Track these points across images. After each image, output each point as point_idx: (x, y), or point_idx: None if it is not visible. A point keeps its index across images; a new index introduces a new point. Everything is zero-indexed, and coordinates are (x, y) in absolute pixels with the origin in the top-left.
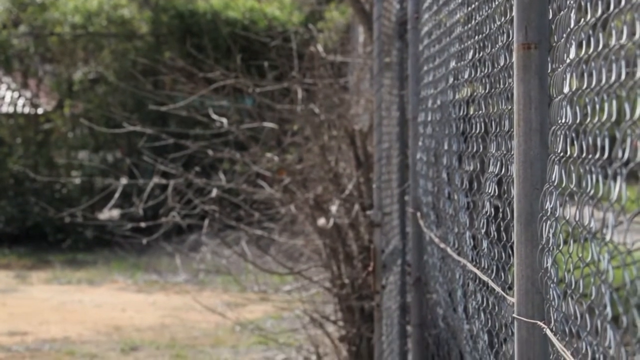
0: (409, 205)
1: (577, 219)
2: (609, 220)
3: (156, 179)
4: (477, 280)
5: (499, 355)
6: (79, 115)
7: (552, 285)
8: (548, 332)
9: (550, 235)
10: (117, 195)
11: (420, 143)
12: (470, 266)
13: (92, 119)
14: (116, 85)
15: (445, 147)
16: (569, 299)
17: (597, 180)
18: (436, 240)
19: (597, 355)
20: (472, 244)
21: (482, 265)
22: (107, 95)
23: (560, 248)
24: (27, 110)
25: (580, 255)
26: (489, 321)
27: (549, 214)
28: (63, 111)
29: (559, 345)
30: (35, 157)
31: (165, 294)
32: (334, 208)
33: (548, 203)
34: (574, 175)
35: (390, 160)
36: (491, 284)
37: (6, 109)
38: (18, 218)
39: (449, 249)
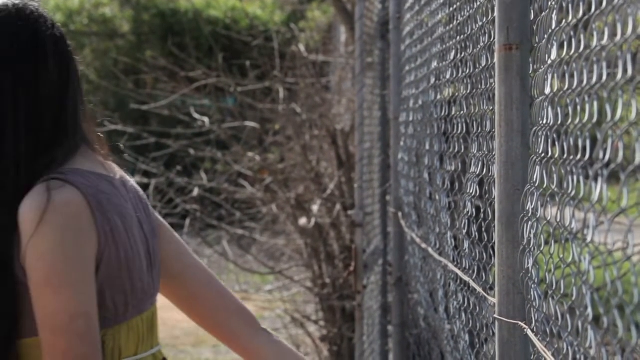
0: (391, 205)
1: (558, 219)
2: (590, 221)
3: (137, 178)
4: (459, 281)
5: (480, 356)
6: None
7: (533, 285)
8: (529, 332)
9: (532, 236)
10: None
11: (402, 143)
12: (451, 266)
13: None
14: (97, 84)
15: (427, 147)
16: (550, 299)
17: (579, 181)
18: (417, 240)
19: (578, 356)
20: (453, 244)
21: (464, 266)
22: (88, 94)
23: (542, 249)
24: None
25: (561, 256)
26: (470, 321)
27: (530, 214)
28: None
29: (540, 345)
30: None
31: None
32: (315, 208)
33: (529, 204)
34: (555, 176)
35: (372, 160)
36: (472, 284)
37: None
38: None
39: (430, 249)
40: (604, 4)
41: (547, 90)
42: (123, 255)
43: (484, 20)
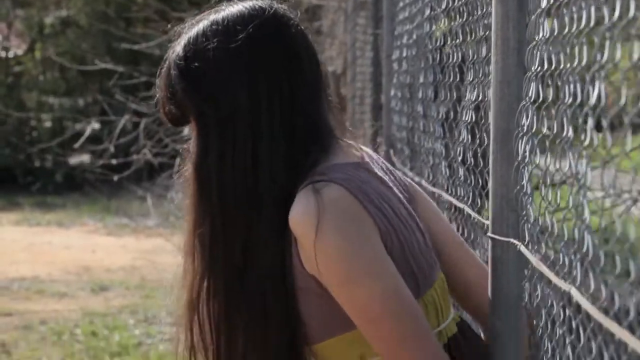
0: (382, 145)
1: (554, 132)
2: (588, 125)
3: (127, 117)
4: (453, 209)
5: None
6: (50, 58)
7: (527, 200)
8: (522, 248)
9: (527, 152)
10: (87, 133)
11: (394, 80)
12: (445, 195)
13: (63, 62)
14: (88, 28)
15: (421, 79)
16: (546, 213)
17: (575, 95)
18: (410, 174)
19: (574, 263)
20: (447, 173)
21: (458, 194)
22: (78, 39)
23: (537, 164)
24: None
25: (557, 167)
26: None
27: (525, 130)
28: (34, 55)
29: (534, 260)
30: (5, 100)
31: (135, 238)
32: None
33: (525, 119)
34: (551, 91)
35: (364, 100)
36: (467, 209)
37: None
38: None
39: (423, 182)
40: None
41: (544, 4)
42: (402, 238)
43: None
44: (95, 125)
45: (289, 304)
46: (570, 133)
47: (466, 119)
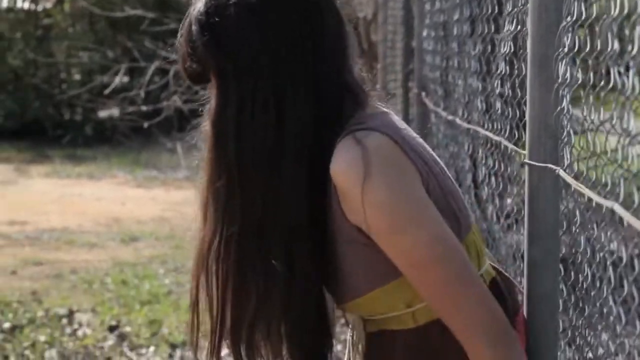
0: (413, 88)
1: (597, 47)
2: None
3: (157, 64)
4: (489, 144)
5: (510, 214)
6: (79, 11)
7: (567, 121)
8: (561, 172)
9: (568, 74)
10: (116, 80)
11: (427, 21)
12: (482, 131)
13: (93, 14)
14: None
15: (456, 16)
16: (588, 132)
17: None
18: (444, 114)
19: (616, 180)
20: (483, 108)
21: (495, 128)
22: None
23: (578, 83)
24: (26, 6)
25: (601, 83)
26: (500, 184)
27: (566, 51)
28: (63, 7)
29: (573, 182)
30: (35, 52)
31: (165, 190)
32: None
33: (566, 39)
34: (595, 9)
35: (395, 45)
36: (504, 142)
37: (6, 3)
38: (17, 113)
39: (457, 120)
40: None
41: None
42: (442, 182)
43: None
44: (125, 79)
45: (315, 263)
46: (616, 46)
47: (505, 50)
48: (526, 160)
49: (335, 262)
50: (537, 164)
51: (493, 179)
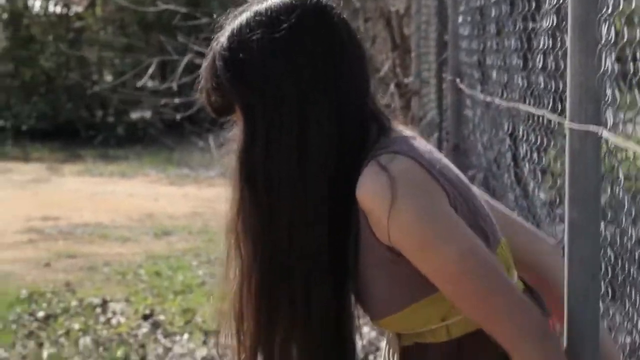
0: (448, 75)
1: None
2: None
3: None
4: (530, 120)
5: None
6: (110, 15)
7: (611, 82)
8: (605, 132)
9: (610, 36)
10: (150, 71)
11: (462, 8)
12: (522, 107)
13: (124, 18)
14: None
15: None
16: (635, 89)
17: None
18: (481, 96)
19: None
20: (525, 84)
21: (537, 103)
22: None
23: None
24: (58, 10)
25: None
26: (543, 159)
27: (609, 11)
28: (94, 11)
29: (619, 139)
30: (66, 55)
31: (197, 187)
32: None
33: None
34: None
35: (428, 35)
36: (547, 114)
37: (38, 7)
38: (50, 115)
39: (497, 100)
40: None
41: None
42: (469, 201)
43: None
44: (156, 82)
45: (338, 286)
46: None
47: (547, 24)
48: (567, 125)
49: (368, 282)
50: (577, 127)
51: (535, 154)
